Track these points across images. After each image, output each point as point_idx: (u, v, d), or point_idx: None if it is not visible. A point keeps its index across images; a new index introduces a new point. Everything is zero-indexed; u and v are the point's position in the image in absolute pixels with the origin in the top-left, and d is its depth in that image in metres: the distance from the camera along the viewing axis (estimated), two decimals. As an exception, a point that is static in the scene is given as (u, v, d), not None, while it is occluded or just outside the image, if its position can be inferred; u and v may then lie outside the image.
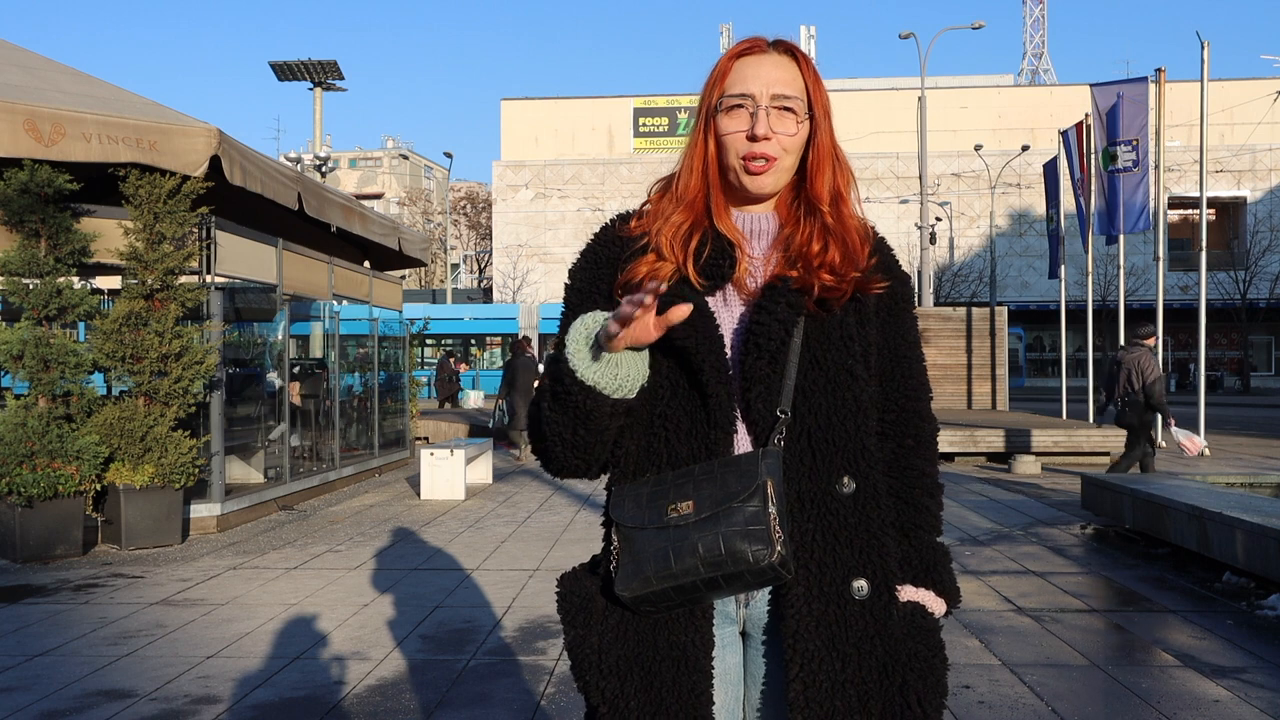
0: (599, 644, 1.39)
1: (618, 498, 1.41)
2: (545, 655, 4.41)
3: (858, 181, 1.53)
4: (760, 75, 1.42)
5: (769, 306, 1.39)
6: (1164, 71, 14.84)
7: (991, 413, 17.14)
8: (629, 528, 1.37)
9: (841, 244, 1.43)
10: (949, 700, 3.75)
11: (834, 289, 1.41)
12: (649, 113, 47.43)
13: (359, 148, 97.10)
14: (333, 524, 8.16)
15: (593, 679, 1.39)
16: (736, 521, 1.30)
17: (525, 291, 44.30)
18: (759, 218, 1.49)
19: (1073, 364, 37.32)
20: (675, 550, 1.31)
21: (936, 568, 1.49)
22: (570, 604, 1.46)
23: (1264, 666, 4.22)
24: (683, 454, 1.40)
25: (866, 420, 1.43)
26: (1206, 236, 14.24)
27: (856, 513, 1.39)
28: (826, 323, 1.42)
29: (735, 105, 1.42)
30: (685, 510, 1.33)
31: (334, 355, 11.27)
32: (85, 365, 6.93)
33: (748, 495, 1.30)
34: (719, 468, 1.35)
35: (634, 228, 1.50)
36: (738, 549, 1.29)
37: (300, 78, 30.88)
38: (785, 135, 1.42)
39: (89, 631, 4.85)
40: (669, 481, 1.37)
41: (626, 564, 1.36)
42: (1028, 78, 76.67)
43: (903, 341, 1.51)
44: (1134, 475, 8.27)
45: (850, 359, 1.43)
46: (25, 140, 6.56)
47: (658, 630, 1.38)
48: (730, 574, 1.30)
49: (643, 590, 1.33)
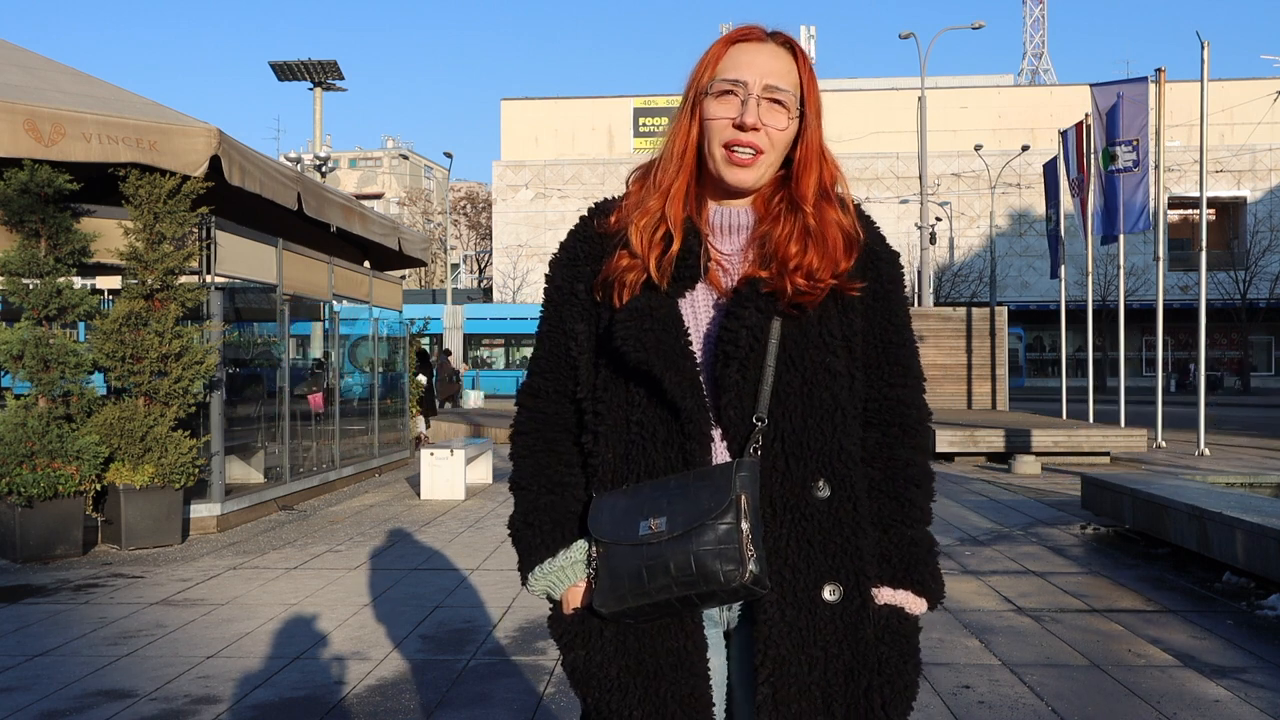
0: (601, 660, 1.38)
1: (595, 509, 1.39)
2: (545, 655, 4.41)
3: (858, 182, 1.51)
4: (756, 64, 1.38)
5: (738, 312, 1.36)
6: (1164, 71, 14.84)
7: (991, 413, 17.14)
8: (605, 542, 1.36)
9: (821, 246, 1.38)
10: (949, 700, 3.76)
11: (807, 294, 1.37)
12: (649, 113, 47.44)
13: (359, 148, 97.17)
14: (333, 524, 8.16)
15: (594, 695, 1.38)
16: (708, 540, 1.28)
17: (525, 291, 44.30)
18: (735, 212, 1.45)
19: (1073, 364, 37.31)
20: (649, 569, 1.30)
21: (917, 565, 1.43)
22: (564, 623, 1.44)
23: (1264, 666, 4.21)
24: (659, 464, 1.37)
25: (844, 419, 1.39)
26: (1206, 236, 14.23)
27: (830, 517, 1.37)
28: (804, 318, 1.38)
29: (726, 91, 1.38)
30: (658, 527, 1.31)
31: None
32: (85, 365, 6.93)
33: (720, 512, 1.28)
34: (693, 481, 1.33)
35: (612, 223, 1.46)
36: (710, 568, 1.27)
37: (300, 78, 30.87)
38: (774, 129, 1.38)
39: (89, 631, 4.85)
40: (644, 494, 1.35)
41: (604, 579, 1.35)
42: (1028, 78, 76.67)
43: (889, 326, 1.46)
44: (1134, 475, 8.27)
45: (829, 355, 1.39)
46: (25, 140, 6.56)
47: (654, 639, 1.37)
48: (704, 592, 1.30)
49: (619, 607, 1.34)
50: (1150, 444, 13.69)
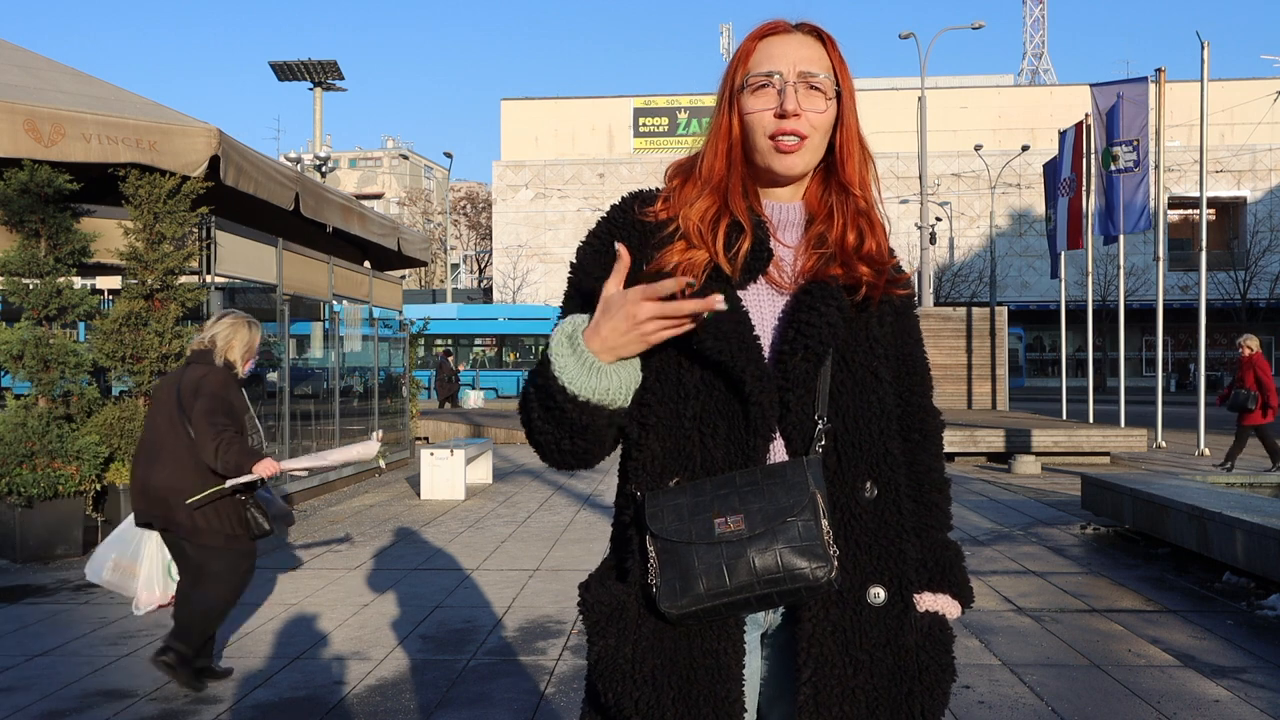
0: (633, 653, 1.33)
1: (654, 508, 1.33)
2: (545, 655, 4.41)
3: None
4: (787, 53, 1.37)
5: (818, 307, 1.34)
6: (1164, 71, 14.85)
7: (991, 413, 17.15)
8: (674, 542, 1.31)
9: (874, 234, 1.40)
10: (949, 700, 3.76)
11: (874, 284, 1.38)
12: (649, 113, 47.44)
13: (359, 148, 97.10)
14: (333, 524, 8.16)
15: (625, 689, 1.33)
16: (792, 537, 1.27)
17: (525, 292, 44.30)
18: (787, 208, 1.45)
19: (1073, 364, 37.36)
20: (730, 567, 1.27)
21: (952, 568, 1.47)
22: (598, 614, 1.38)
23: (1264, 666, 4.21)
24: (719, 459, 1.34)
25: (890, 423, 1.40)
26: (1206, 236, 14.24)
27: (877, 518, 1.37)
28: (854, 323, 1.39)
29: (761, 84, 1.36)
30: (736, 526, 1.28)
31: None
32: (85, 365, 6.93)
33: (800, 509, 1.28)
34: (762, 478, 1.31)
35: (660, 211, 1.41)
36: (796, 566, 1.26)
37: (300, 78, 30.91)
38: (815, 113, 1.36)
39: (89, 631, 4.85)
40: (709, 491, 1.32)
41: (671, 579, 1.29)
42: (1028, 78, 76.66)
43: (908, 339, 1.49)
44: (1134, 475, 8.27)
45: (875, 360, 1.40)
46: (25, 140, 6.56)
47: (692, 639, 1.34)
48: (785, 590, 1.28)
49: (694, 607, 1.28)
50: (1150, 444, 13.70)
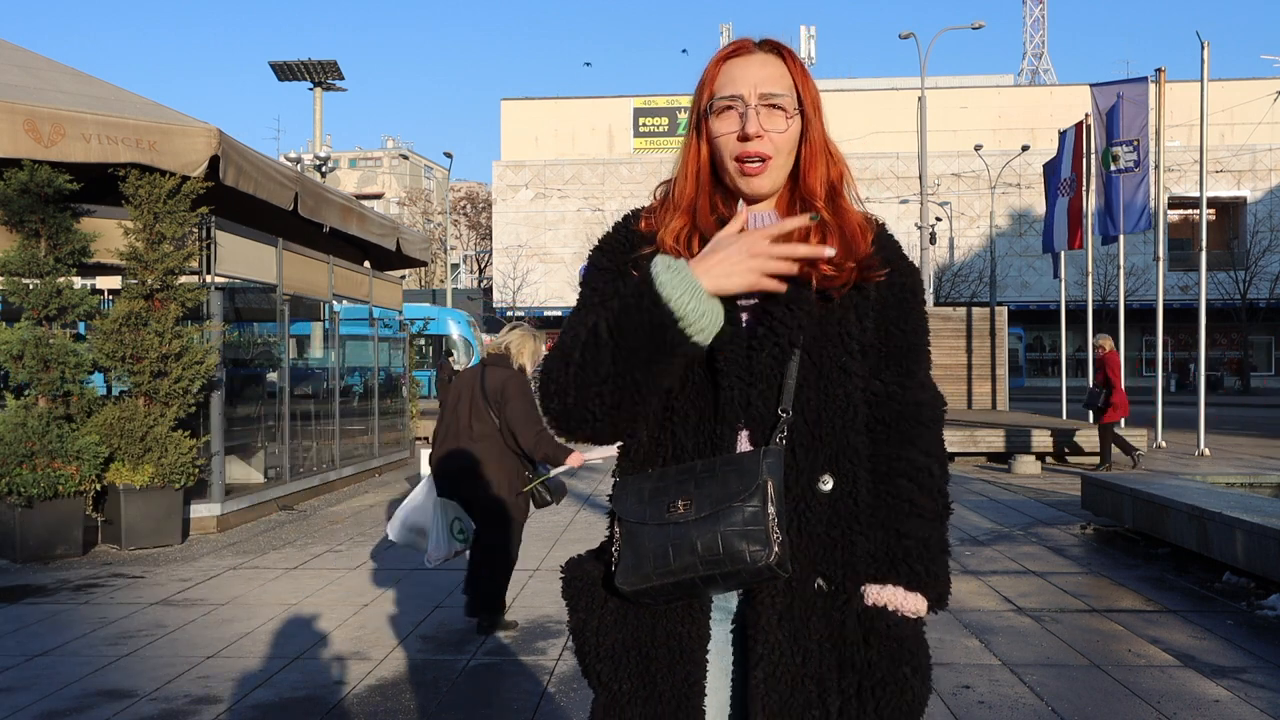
0: (598, 627, 1.44)
1: (621, 490, 1.43)
2: (545, 655, 4.41)
3: (859, 181, 1.53)
4: (747, 76, 1.44)
5: (788, 305, 1.39)
6: (1164, 71, 14.85)
7: (991, 413, 17.15)
8: (630, 522, 1.39)
9: (838, 236, 1.43)
10: (949, 700, 3.76)
11: (831, 279, 1.41)
12: (649, 113, 47.42)
13: (359, 148, 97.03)
14: (333, 524, 8.16)
15: (590, 662, 1.45)
16: (735, 521, 1.31)
17: (525, 292, 44.28)
18: (759, 216, 1.50)
19: (1073, 364, 37.27)
20: (675, 547, 1.33)
21: (907, 558, 1.43)
22: (574, 588, 1.49)
23: (1264, 666, 4.22)
24: (688, 448, 1.41)
25: (854, 416, 1.43)
26: (1206, 236, 14.24)
27: (830, 510, 1.40)
28: (825, 317, 1.43)
29: (725, 107, 1.44)
30: (684, 508, 1.34)
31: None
32: (85, 365, 6.93)
33: (748, 495, 1.32)
34: (720, 465, 1.36)
35: (644, 225, 1.51)
36: (736, 548, 1.30)
37: (300, 78, 30.88)
38: (776, 133, 1.43)
39: (89, 631, 4.85)
40: (671, 477, 1.38)
41: (627, 557, 1.38)
42: (1028, 78, 76.63)
43: (900, 330, 1.50)
44: (1134, 475, 8.27)
45: (845, 355, 1.43)
46: (25, 140, 6.56)
47: (656, 620, 1.41)
48: (727, 572, 1.32)
49: (641, 584, 1.36)
50: (1150, 444, 13.69)
